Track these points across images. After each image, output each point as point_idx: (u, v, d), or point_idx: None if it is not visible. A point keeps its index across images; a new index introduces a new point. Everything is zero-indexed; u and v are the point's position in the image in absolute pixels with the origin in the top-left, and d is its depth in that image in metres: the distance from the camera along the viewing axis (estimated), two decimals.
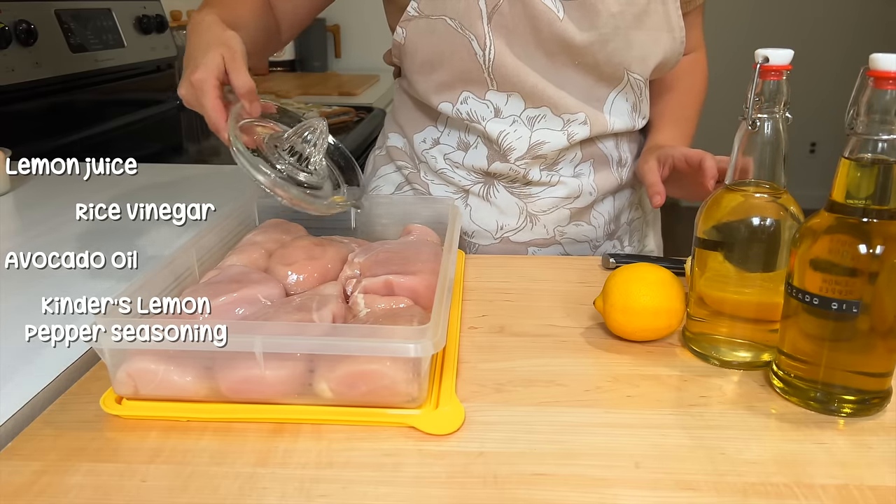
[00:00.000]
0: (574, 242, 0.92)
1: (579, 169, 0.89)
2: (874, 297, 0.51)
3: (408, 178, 0.95)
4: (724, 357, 0.62)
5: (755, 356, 0.61)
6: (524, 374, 0.60)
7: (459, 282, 0.78)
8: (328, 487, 0.46)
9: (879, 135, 0.51)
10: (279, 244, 0.73)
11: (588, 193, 0.90)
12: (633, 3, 0.80)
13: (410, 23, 0.83)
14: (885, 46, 0.52)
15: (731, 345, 0.62)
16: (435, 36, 0.82)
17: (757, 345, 0.61)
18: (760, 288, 0.60)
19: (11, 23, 1.31)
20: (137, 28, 1.75)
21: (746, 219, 0.59)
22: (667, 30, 0.84)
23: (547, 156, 0.86)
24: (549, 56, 0.82)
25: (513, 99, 0.84)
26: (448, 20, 0.80)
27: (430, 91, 0.86)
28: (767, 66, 0.57)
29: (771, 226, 0.59)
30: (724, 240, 0.60)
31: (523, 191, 0.89)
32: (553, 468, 0.48)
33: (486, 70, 0.82)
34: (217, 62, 0.65)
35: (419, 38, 0.83)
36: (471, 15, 0.80)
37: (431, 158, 0.91)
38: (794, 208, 0.59)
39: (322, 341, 0.52)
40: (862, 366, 0.54)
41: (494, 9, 0.79)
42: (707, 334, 0.63)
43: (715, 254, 0.61)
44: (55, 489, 0.46)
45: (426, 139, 0.91)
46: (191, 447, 0.50)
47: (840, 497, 0.46)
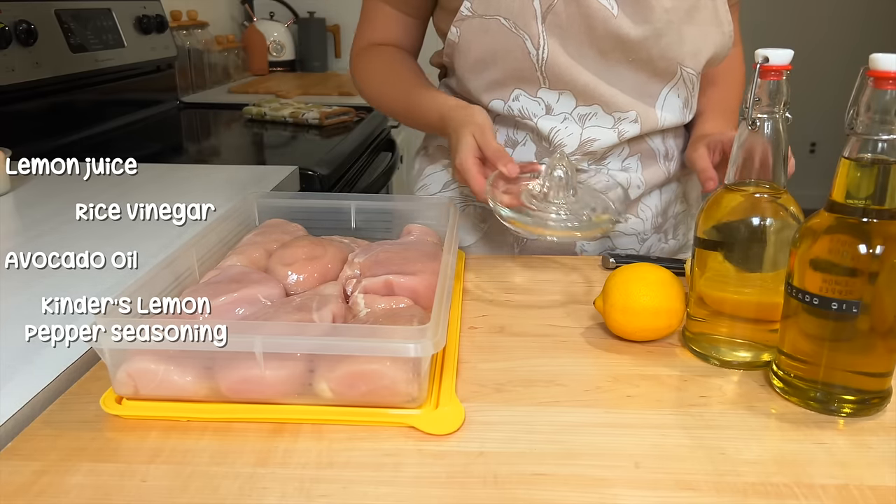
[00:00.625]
0: (622, 235, 0.93)
1: (627, 163, 0.90)
2: (874, 297, 0.51)
3: (454, 176, 0.96)
4: (724, 357, 0.62)
5: (755, 356, 0.61)
6: (524, 374, 0.60)
7: (459, 282, 0.78)
8: (328, 487, 0.46)
9: (879, 135, 0.51)
10: (279, 244, 0.73)
11: (636, 187, 0.90)
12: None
13: (464, 22, 0.84)
14: (887, 46, 0.52)
15: (730, 345, 0.62)
16: (488, 35, 0.83)
17: (757, 345, 0.61)
18: (760, 288, 0.60)
19: (11, 23, 1.31)
20: (137, 28, 1.75)
21: (746, 219, 0.59)
22: (716, 24, 0.85)
23: (596, 152, 0.87)
24: (602, 54, 0.83)
25: (564, 97, 0.85)
26: (502, 20, 0.82)
27: (481, 89, 0.88)
28: (767, 66, 0.57)
29: (771, 226, 0.59)
30: (724, 240, 0.60)
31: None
32: (553, 468, 0.48)
33: (539, 69, 0.83)
34: (471, 143, 0.76)
35: (473, 37, 0.84)
36: (525, 15, 0.81)
37: None
38: (793, 208, 0.59)
39: (322, 341, 0.52)
40: (862, 366, 0.54)
41: (549, 8, 0.80)
42: (707, 334, 0.63)
43: (715, 254, 0.61)
44: (55, 489, 0.46)
45: None
46: (191, 447, 0.50)
47: (840, 497, 0.46)
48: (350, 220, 0.84)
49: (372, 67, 0.95)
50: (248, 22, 2.66)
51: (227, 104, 2.00)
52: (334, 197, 0.86)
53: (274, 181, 1.15)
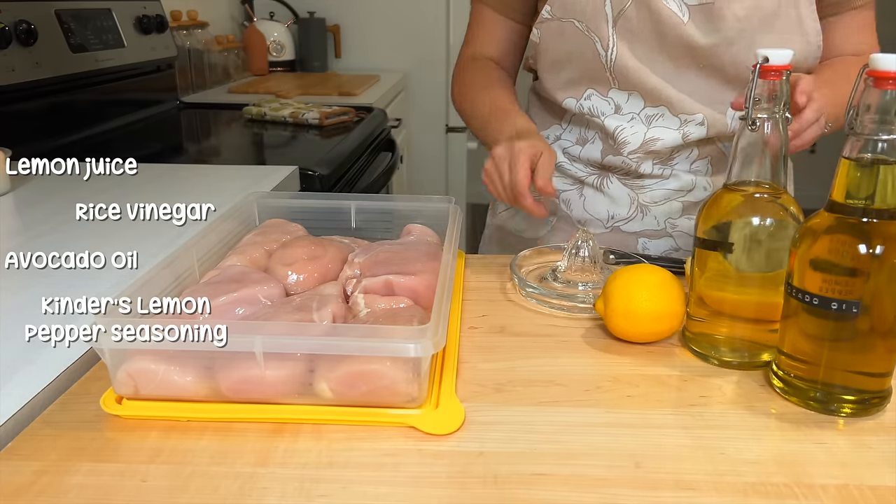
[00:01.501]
0: (685, 235, 0.94)
1: (696, 166, 0.91)
2: (874, 297, 0.51)
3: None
4: (723, 357, 0.62)
5: (754, 356, 0.61)
6: (524, 374, 0.60)
7: (459, 282, 0.78)
8: (328, 487, 0.46)
9: (879, 135, 0.51)
10: (279, 244, 0.73)
11: (702, 188, 0.91)
12: (759, 8, 0.81)
13: (544, 24, 0.89)
14: (887, 46, 0.52)
15: (730, 344, 0.62)
16: (564, 37, 0.87)
17: (757, 345, 0.61)
18: (760, 288, 0.60)
19: (11, 23, 1.31)
20: (137, 28, 1.75)
21: (746, 219, 0.59)
22: (799, 33, 0.84)
23: (660, 151, 0.88)
24: (672, 59, 0.84)
25: (633, 98, 0.87)
26: (576, 23, 0.85)
27: (556, 88, 0.92)
28: (767, 66, 0.57)
29: (771, 226, 0.59)
30: (724, 240, 0.60)
31: (636, 182, 0.91)
32: (553, 468, 0.48)
33: (609, 70, 0.86)
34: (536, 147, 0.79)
35: (551, 38, 0.89)
36: (597, 18, 0.84)
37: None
38: (793, 208, 0.59)
39: (322, 341, 0.52)
40: (862, 366, 0.54)
41: (620, 13, 0.83)
42: (707, 334, 0.63)
43: (715, 254, 0.61)
44: (55, 489, 0.46)
45: (549, 136, 0.97)
46: (191, 447, 0.50)
47: (840, 497, 0.46)
48: (350, 220, 0.84)
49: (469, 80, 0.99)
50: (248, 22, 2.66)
51: (227, 104, 1.99)
52: (334, 197, 0.86)
53: (274, 181, 1.15)
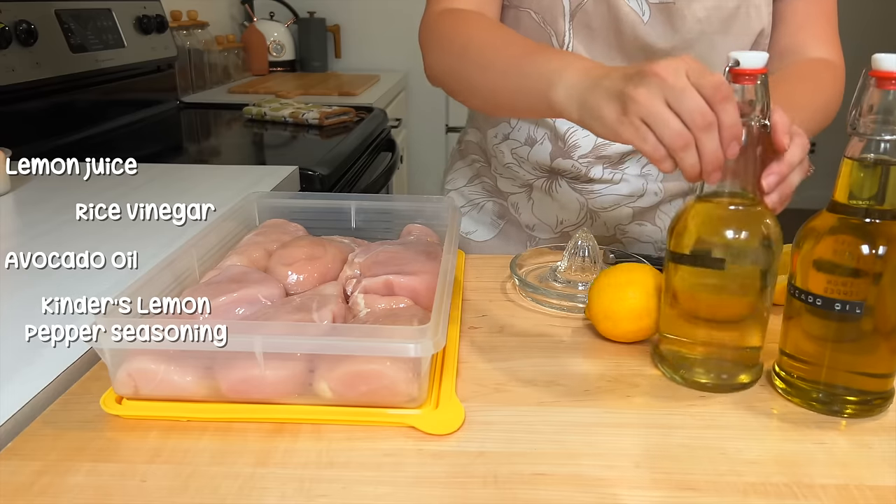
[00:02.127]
0: (636, 242, 0.92)
1: (647, 170, 0.88)
2: (877, 297, 0.51)
3: (478, 171, 0.97)
4: (700, 378, 0.58)
5: (733, 377, 0.58)
6: (524, 374, 0.60)
7: (459, 282, 0.78)
8: (328, 487, 0.46)
9: (882, 135, 0.50)
10: (279, 244, 0.73)
11: (653, 194, 0.89)
12: (720, 8, 0.79)
13: (504, 11, 0.83)
14: (887, 46, 0.52)
15: (706, 365, 0.58)
16: (520, 27, 0.82)
17: (736, 365, 0.58)
18: (737, 304, 0.57)
19: (11, 23, 1.31)
20: (137, 28, 1.75)
21: (721, 232, 0.55)
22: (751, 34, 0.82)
23: (611, 156, 0.86)
24: (628, 59, 0.81)
25: None
26: (533, 14, 0.81)
27: None
28: (739, 69, 0.53)
29: (746, 239, 0.55)
30: (697, 254, 0.56)
31: (585, 187, 0.89)
32: (553, 468, 0.48)
33: None
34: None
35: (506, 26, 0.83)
36: (554, 11, 0.80)
37: (500, 153, 0.92)
38: (770, 220, 0.56)
39: (322, 341, 0.52)
40: (865, 367, 0.54)
41: (579, 6, 0.79)
42: (683, 353, 0.59)
43: (688, 268, 0.57)
44: (55, 489, 0.46)
45: (497, 134, 0.93)
46: (191, 447, 0.50)
47: (840, 497, 0.46)
48: (350, 220, 0.84)
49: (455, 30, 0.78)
50: (248, 22, 2.66)
51: (227, 104, 1.99)
52: (334, 197, 0.86)
53: (274, 181, 1.15)
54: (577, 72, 0.60)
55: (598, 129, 0.57)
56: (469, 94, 0.78)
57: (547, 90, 0.62)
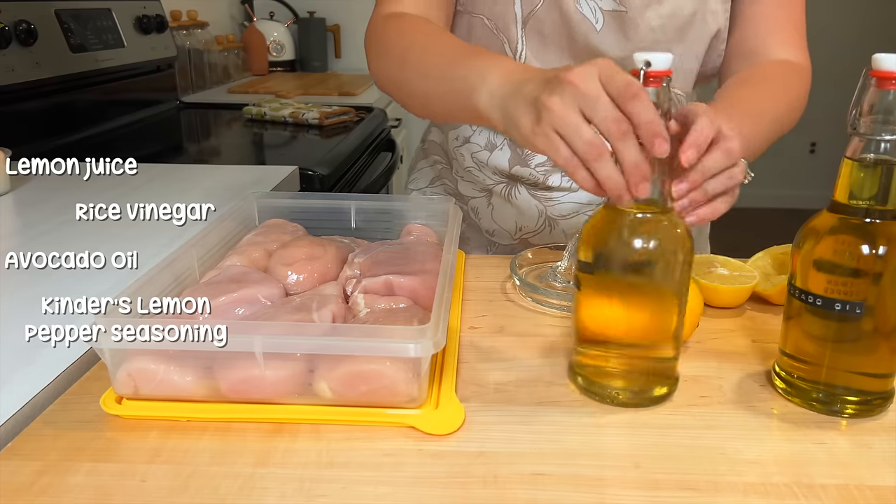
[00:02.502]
0: None
1: None
2: (878, 297, 0.51)
3: (440, 173, 0.96)
4: (616, 395, 0.56)
5: (645, 390, 0.56)
6: (524, 374, 0.60)
7: (459, 282, 0.78)
8: (328, 487, 0.46)
9: (882, 135, 0.50)
10: (279, 244, 0.73)
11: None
12: (675, 16, 0.77)
13: (457, 17, 0.83)
14: (887, 46, 0.52)
15: (619, 378, 0.56)
16: (472, 34, 0.82)
17: (648, 377, 0.56)
18: (646, 314, 0.55)
19: (11, 23, 1.31)
20: (137, 28, 1.75)
21: (627, 241, 0.53)
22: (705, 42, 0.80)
23: None
24: None
25: None
26: (485, 20, 0.80)
27: None
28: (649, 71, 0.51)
29: (653, 248, 0.52)
30: (607, 262, 0.54)
31: (544, 194, 0.88)
32: (553, 468, 0.48)
33: None
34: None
35: (460, 33, 0.83)
36: (506, 18, 0.79)
37: (461, 156, 0.91)
38: (681, 230, 0.53)
39: (322, 341, 0.52)
40: (865, 367, 0.54)
41: (531, 14, 0.78)
42: (594, 366, 0.57)
43: (595, 278, 0.54)
44: (55, 489, 0.46)
45: (458, 136, 0.91)
46: (191, 447, 0.50)
47: (840, 497, 0.46)
48: (350, 220, 0.84)
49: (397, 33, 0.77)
50: (248, 22, 2.66)
51: (227, 104, 1.99)
52: (334, 197, 0.86)
53: (274, 181, 1.15)
54: (499, 76, 0.59)
55: (516, 137, 0.56)
56: (409, 100, 0.77)
57: (471, 95, 0.61)
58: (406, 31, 0.75)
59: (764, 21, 0.81)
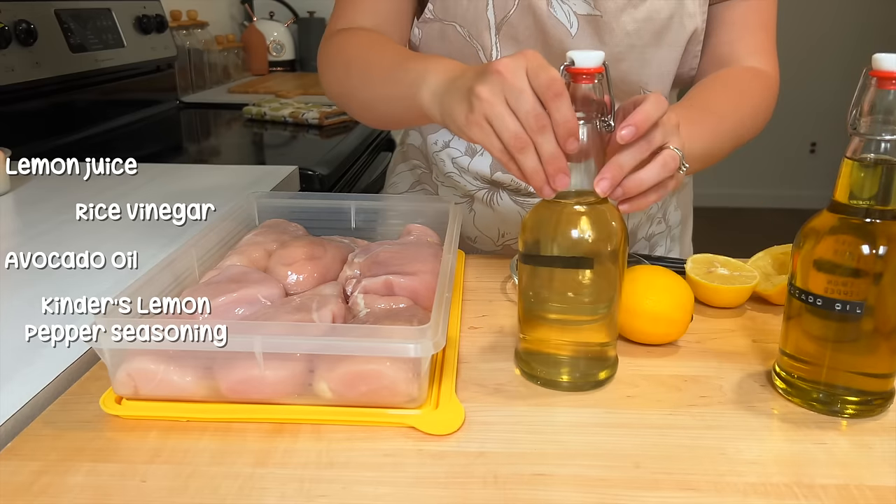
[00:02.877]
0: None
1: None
2: (878, 297, 0.51)
3: (420, 178, 0.95)
4: (556, 378, 0.58)
5: (587, 375, 0.58)
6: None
7: (459, 282, 0.78)
8: (328, 487, 0.46)
9: (882, 135, 0.50)
10: (279, 244, 0.73)
11: None
12: (653, 20, 0.77)
13: (427, 25, 0.82)
14: (887, 46, 0.52)
15: (560, 364, 0.58)
16: (446, 42, 0.81)
17: (588, 362, 0.58)
18: (581, 301, 0.57)
19: (11, 23, 1.31)
20: (137, 28, 1.75)
21: (563, 231, 0.55)
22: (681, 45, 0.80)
23: None
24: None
25: None
26: (458, 27, 0.79)
27: None
28: (576, 69, 0.52)
29: (587, 238, 0.54)
30: (540, 253, 0.56)
31: (526, 200, 0.88)
32: (553, 468, 0.48)
33: None
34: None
35: (432, 40, 0.82)
36: (479, 25, 0.78)
37: (441, 161, 0.90)
38: (616, 223, 0.55)
39: (322, 341, 0.52)
40: (865, 367, 0.54)
41: (504, 19, 0.77)
42: (537, 352, 0.59)
43: (534, 268, 0.57)
44: (55, 489, 0.46)
45: (438, 141, 0.90)
46: (191, 447, 0.50)
47: (840, 497, 0.46)
48: (350, 220, 0.84)
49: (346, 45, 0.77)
50: (248, 22, 2.65)
51: (227, 104, 1.99)
52: (334, 197, 0.86)
53: (274, 181, 1.15)
54: (438, 73, 0.61)
55: (454, 129, 0.57)
56: (359, 109, 0.78)
57: (415, 95, 0.63)
58: (351, 43, 0.77)
59: (735, 27, 0.82)
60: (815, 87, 3.85)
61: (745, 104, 0.80)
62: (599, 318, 0.57)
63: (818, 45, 3.82)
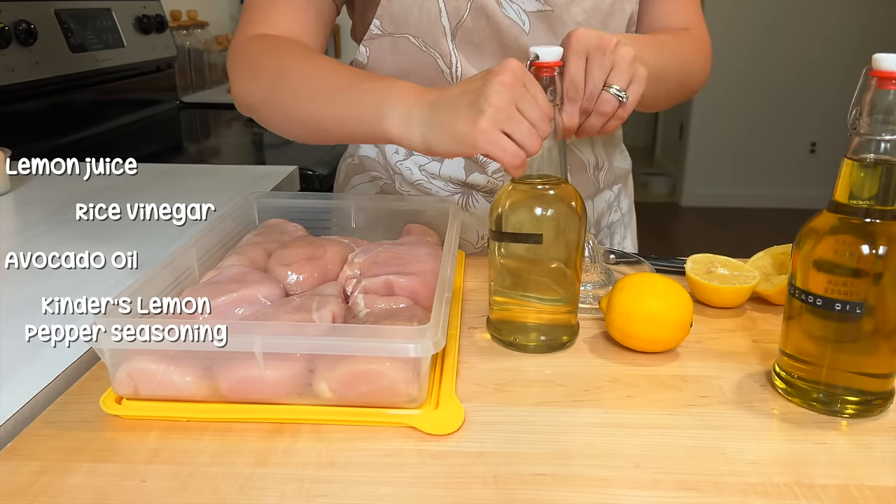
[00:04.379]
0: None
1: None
2: (878, 297, 0.51)
3: (383, 188, 0.92)
4: (523, 342, 0.65)
5: (552, 338, 0.65)
6: (524, 374, 0.60)
7: (459, 282, 0.78)
8: (328, 487, 0.46)
9: (882, 135, 0.50)
10: (279, 244, 0.73)
11: None
12: (598, 9, 0.79)
13: (374, 41, 0.80)
14: (887, 46, 0.52)
15: (528, 329, 0.65)
16: (399, 54, 0.79)
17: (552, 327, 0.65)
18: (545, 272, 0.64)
19: (11, 23, 1.31)
20: (137, 28, 1.75)
21: (529, 210, 0.62)
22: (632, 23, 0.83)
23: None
24: None
25: None
26: (412, 38, 0.78)
27: None
28: (539, 63, 0.59)
29: (550, 216, 0.61)
30: (507, 230, 0.62)
31: None
32: (553, 468, 0.48)
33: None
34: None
35: (382, 56, 0.80)
36: (434, 32, 0.78)
37: (406, 170, 0.89)
38: (575, 203, 0.62)
39: (322, 341, 0.52)
40: (865, 367, 0.54)
41: (458, 24, 0.77)
42: (507, 320, 0.66)
43: (503, 244, 0.64)
44: (55, 489, 0.46)
45: (399, 150, 0.88)
46: (191, 447, 0.50)
47: (840, 497, 0.46)
48: (350, 220, 0.84)
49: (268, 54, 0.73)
50: None
51: (227, 104, 1.99)
52: (334, 197, 0.86)
53: (274, 181, 1.15)
54: (407, 99, 0.62)
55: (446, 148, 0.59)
56: (287, 123, 0.74)
57: (379, 119, 0.63)
58: (279, 53, 0.73)
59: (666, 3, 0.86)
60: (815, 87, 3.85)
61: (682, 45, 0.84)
62: (559, 288, 0.63)
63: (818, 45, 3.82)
